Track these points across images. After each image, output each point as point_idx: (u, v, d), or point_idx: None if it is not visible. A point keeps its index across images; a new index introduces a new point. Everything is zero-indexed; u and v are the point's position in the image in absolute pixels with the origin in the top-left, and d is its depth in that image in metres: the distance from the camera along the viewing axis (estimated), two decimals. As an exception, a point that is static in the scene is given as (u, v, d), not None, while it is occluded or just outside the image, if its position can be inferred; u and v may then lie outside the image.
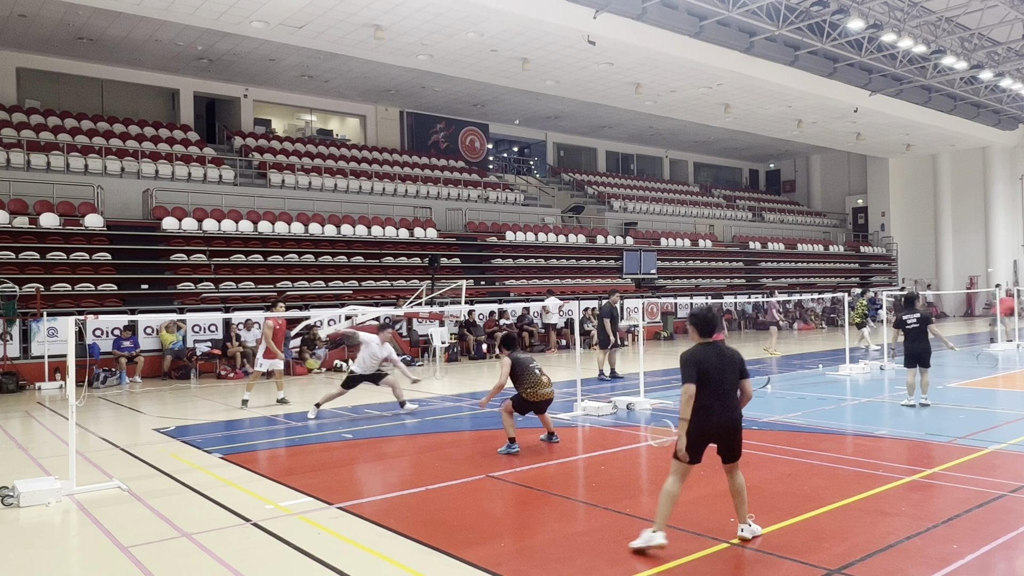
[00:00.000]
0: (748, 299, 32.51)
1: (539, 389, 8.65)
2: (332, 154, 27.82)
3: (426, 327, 21.08)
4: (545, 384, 8.69)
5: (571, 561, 5.17)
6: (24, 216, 19.04)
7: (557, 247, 28.97)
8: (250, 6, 18.04)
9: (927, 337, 10.81)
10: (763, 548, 5.33)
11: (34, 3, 18.70)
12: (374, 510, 6.46)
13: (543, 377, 8.71)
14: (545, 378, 8.72)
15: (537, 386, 8.65)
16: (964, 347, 20.89)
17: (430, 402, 13.08)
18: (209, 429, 10.75)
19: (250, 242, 21.78)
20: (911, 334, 10.83)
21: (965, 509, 6.15)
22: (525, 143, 37.42)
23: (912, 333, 10.83)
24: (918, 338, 10.77)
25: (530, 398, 8.64)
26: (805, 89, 26.80)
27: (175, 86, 25.76)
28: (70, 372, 7.42)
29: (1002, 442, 8.59)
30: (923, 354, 10.77)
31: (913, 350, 10.79)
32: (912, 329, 10.85)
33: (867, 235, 43.12)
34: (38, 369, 15.91)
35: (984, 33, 24.28)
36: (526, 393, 8.65)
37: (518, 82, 25.28)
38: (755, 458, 8.01)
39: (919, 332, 10.80)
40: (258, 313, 18.32)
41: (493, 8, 18.69)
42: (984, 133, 35.44)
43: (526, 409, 8.77)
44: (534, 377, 8.64)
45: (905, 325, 10.92)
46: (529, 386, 8.64)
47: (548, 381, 8.75)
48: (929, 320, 10.93)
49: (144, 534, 5.97)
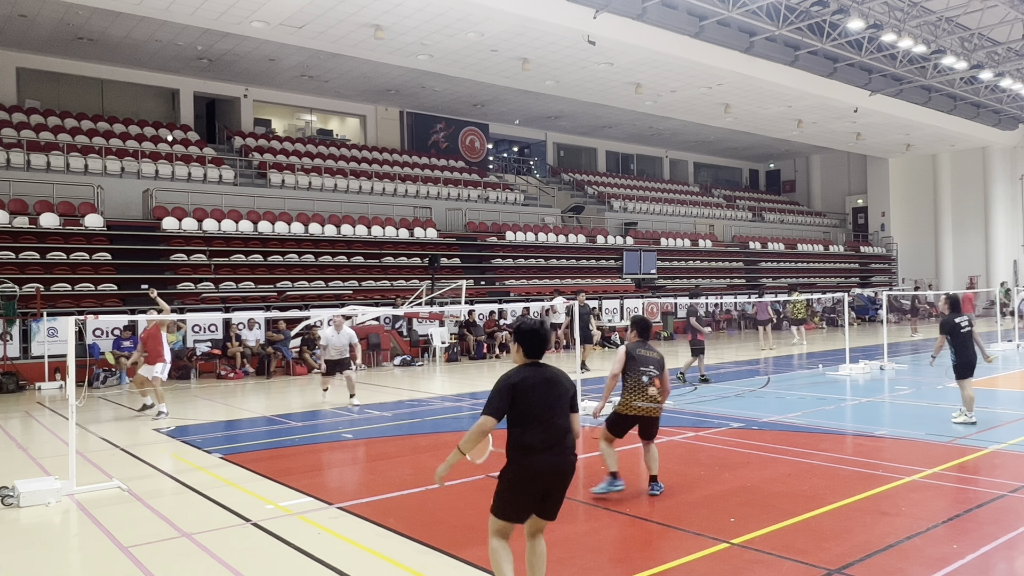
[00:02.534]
0: (748, 299, 32.52)
1: (635, 400, 6.78)
2: (332, 154, 27.82)
3: (426, 327, 21.08)
4: (650, 397, 6.76)
5: (571, 561, 5.17)
6: (24, 216, 19.04)
7: (557, 247, 28.97)
8: (250, 6, 18.04)
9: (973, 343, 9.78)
10: (763, 548, 5.33)
11: (34, 3, 18.70)
12: (374, 510, 6.46)
13: (649, 387, 6.76)
14: (653, 389, 6.77)
15: (635, 396, 6.79)
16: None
17: (430, 402, 13.08)
18: (209, 429, 10.75)
19: (250, 242, 21.78)
20: (964, 340, 9.67)
21: (965, 509, 6.15)
22: (525, 143, 37.42)
23: (965, 339, 9.68)
24: (969, 344, 9.70)
25: (623, 411, 6.84)
26: (805, 89, 26.81)
27: (175, 86, 25.76)
28: (70, 372, 7.42)
29: (1002, 442, 8.59)
30: (974, 362, 9.67)
31: (968, 358, 9.63)
32: (966, 334, 9.69)
33: (867, 235, 43.12)
34: (38, 369, 15.91)
35: (984, 33, 24.28)
36: (620, 404, 6.90)
37: (518, 82, 25.29)
38: (755, 458, 8.01)
39: (971, 337, 9.72)
40: (258, 313, 18.42)
41: (493, 8, 18.69)
42: (984, 133, 35.44)
43: (622, 428, 6.92)
44: (638, 383, 6.80)
45: (960, 329, 9.66)
46: (629, 394, 6.85)
47: (656, 394, 6.79)
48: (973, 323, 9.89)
49: (144, 534, 5.96)
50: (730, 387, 13.87)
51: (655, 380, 6.82)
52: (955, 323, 9.68)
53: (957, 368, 9.72)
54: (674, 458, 8.31)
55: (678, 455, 8.40)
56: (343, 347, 12.56)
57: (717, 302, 30.95)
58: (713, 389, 13.61)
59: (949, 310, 9.91)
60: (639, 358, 6.90)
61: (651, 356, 7.00)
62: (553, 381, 4.29)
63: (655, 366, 6.92)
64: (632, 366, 6.86)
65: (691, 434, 9.45)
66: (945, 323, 9.79)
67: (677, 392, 13.30)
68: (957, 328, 9.68)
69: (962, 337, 9.68)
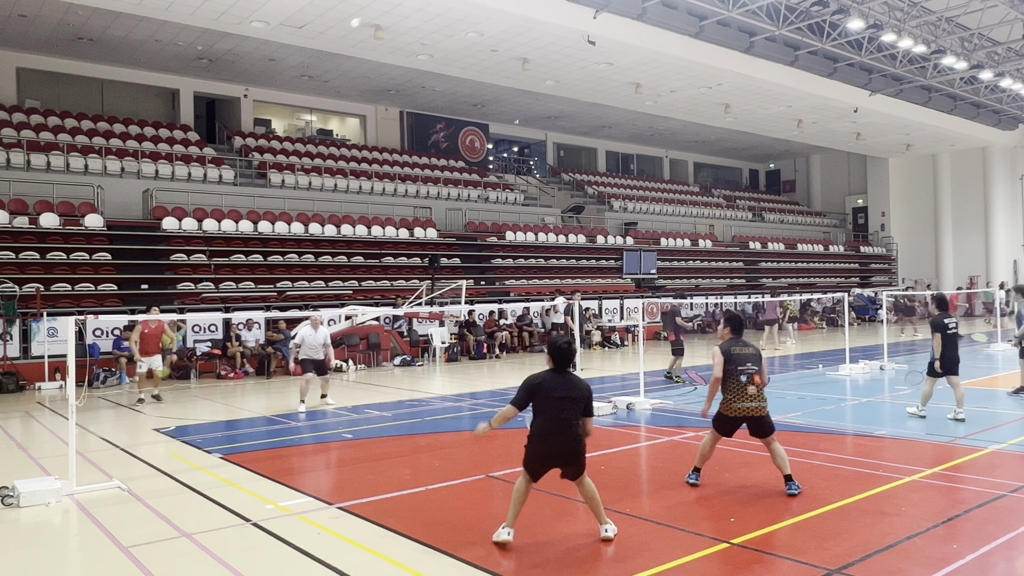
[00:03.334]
0: (748, 299, 32.50)
1: (736, 402, 6.67)
2: (332, 154, 27.82)
3: (426, 327, 21.08)
4: (750, 396, 6.64)
5: (571, 561, 5.17)
6: (24, 216, 19.04)
7: (557, 247, 28.97)
8: (250, 6, 18.04)
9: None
10: (763, 548, 5.33)
11: (34, 3, 18.70)
12: (374, 510, 6.46)
13: (749, 386, 6.65)
14: (752, 388, 6.64)
15: (736, 397, 6.69)
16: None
17: (430, 402, 13.09)
18: (209, 429, 10.75)
19: (250, 242, 21.78)
20: (951, 339, 9.88)
21: (965, 509, 6.15)
22: (525, 143, 37.42)
23: (952, 338, 9.89)
24: (955, 343, 9.92)
25: (726, 412, 6.75)
26: (805, 89, 26.80)
27: (175, 86, 25.75)
28: (70, 372, 7.42)
29: (1002, 442, 8.59)
30: (958, 360, 9.98)
31: (954, 357, 9.87)
32: (952, 334, 9.91)
33: (867, 235, 43.11)
34: (38, 369, 15.90)
35: (984, 33, 24.27)
36: (723, 404, 6.81)
37: (518, 82, 25.28)
38: (755, 458, 8.01)
39: (956, 337, 9.96)
40: (258, 313, 18.41)
41: (493, 8, 18.69)
42: (984, 133, 35.43)
43: (728, 428, 6.82)
44: (737, 383, 6.69)
45: (948, 329, 9.88)
46: (730, 395, 6.74)
47: (756, 392, 6.65)
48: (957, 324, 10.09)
49: (144, 534, 5.96)
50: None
51: (754, 377, 6.67)
52: (944, 323, 9.90)
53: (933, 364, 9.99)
54: (674, 458, 8.31)
55: (678, 455, 8.40)
56: (318, 346, 12.29)
57: (717, 302, 30.93)
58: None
59: (938, 309, 10.16)
60: (736, 357, 6.75)
61: (747, 352, 6.80)
62: (567, 386, 5.51)
63: (752, 361, 6.75)
64: (730, 366, 6.72)
65: (691, 434, 9.45)
66: (936, 322, 10.00)
67: (677, 392, 13.31)
68: (946, 328, 9.89)
69: (949, 336, 9.89)
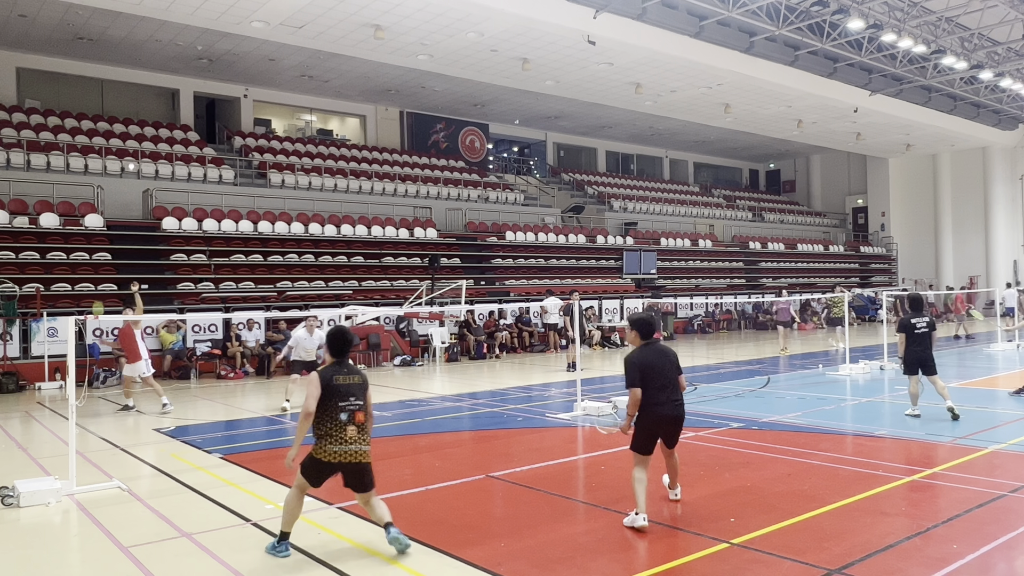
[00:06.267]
0: (748, 299, 32.51)
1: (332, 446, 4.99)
2: (332, 154, 27.82)
3: (426, 327, 21.08)
4: (349, 439, 5.39)
5: (571, 561, 5.17)
6: (24, 216, 19.04)
7: (557, 247, 28.97)
8: (250, 6, 18.04)
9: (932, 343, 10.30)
10: (763, 548, 5.33)
11: (34, 3, 18.70)
12: (374, 510, 6.45)
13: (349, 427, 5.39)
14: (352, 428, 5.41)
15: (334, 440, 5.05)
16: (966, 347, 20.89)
17: (430, 402, 13.09)
18: (209, 429, 10.75)
19: (250, 242, 21.78)
20: (919, 339, 10.21)
21: (965, 509, 6.15)
22: (525, 143, 37.42)
23: (920, 338, 10.21)
24: (925, 343, 10.20)
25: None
26: (805, 89, 26.81)
27: (175, 86, 25.76)
28: (70, 372, 7.42)
29: (1002, 442, 8.59)
30: (930, 360, 10.22)
31: (919, 356, 10.19)
32: (921, 334, 10.23)
33: (867, 235, 43.12)
34: (38, 369, 15.90)
35: (984, 33, 24.29)
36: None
37: (518, 82, 25.28)
38: (755, 458, 8.01)
39: (927, 337, 10.24)
40: (258, 313, 18.41)
41: (493, 8, 18.69)
42: (984, 133, 35.45)
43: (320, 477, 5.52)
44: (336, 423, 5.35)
45: (914, 329, 10.23)
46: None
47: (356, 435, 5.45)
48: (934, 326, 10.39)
49: (144, 534, 5.96)
50: (730, 387, 13.88)
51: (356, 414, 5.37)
52: (912, 323, 10.26)
53: (905, 365, 10.38)
54: (674, 458, 8.31)
55: (678, 455, 8.38)
56: (312, 350, 12.22)
57: (717, 302, 30.95)
58: (713, 389, 13.61)
59: (910, 309, 10.53)
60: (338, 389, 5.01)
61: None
62: (662, 353, 6.02)
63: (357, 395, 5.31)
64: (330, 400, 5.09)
65: (691, 434, 9.45)
66: (903, 322, 10.43)
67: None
68: (912, 328, 10.24)
69: (916, 336, 10.23)
